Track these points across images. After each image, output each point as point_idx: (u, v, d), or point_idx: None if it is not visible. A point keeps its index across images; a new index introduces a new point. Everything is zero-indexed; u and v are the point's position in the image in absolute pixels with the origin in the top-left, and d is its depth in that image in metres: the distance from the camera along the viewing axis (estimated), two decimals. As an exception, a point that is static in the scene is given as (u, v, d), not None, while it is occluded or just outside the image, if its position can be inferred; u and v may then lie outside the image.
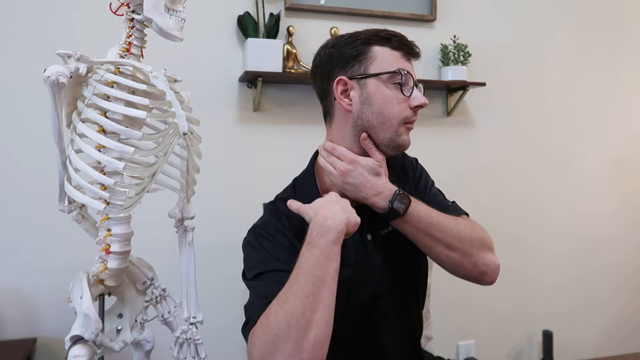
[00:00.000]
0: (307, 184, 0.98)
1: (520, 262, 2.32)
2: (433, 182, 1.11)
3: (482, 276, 0.95)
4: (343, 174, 0.91)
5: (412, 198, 0.91)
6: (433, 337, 1.60)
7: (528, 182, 2.34)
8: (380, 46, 0.92)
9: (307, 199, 0.89)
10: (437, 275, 2.02)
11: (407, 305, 1.00)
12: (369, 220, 0.94)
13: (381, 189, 0.90)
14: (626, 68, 2.50)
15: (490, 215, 2.26)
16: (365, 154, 0.94)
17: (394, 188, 0.91)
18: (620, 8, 2.48)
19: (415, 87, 0.92)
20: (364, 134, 0.92)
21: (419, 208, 0.91)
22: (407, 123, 0.93)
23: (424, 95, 0.94)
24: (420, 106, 0.92)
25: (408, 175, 1.07)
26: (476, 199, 2.23)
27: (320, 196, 0.90)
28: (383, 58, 0.91)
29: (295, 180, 1.05)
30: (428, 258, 1.06)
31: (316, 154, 1.01)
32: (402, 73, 0.90)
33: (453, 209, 1.04)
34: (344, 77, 0.92)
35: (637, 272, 2.54)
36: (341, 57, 0.93)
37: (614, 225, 2.48)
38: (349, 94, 0.92)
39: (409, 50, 0.93)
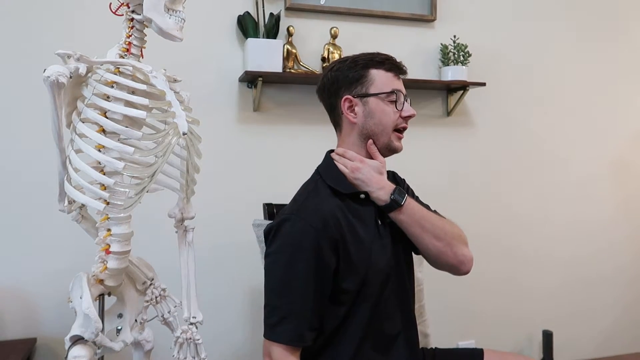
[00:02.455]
0: (331, 169, 1.13)
1: (520, 262, 2.31)
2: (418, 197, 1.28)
3: (460, 265, 1.10)
4: (353, 171, 1.09)
5: (406, 194, 1.10)
6: (430, 334, 1.60)
7: (528, 181, 2.33)
8: (376, 69, 1.11)
9: (334, 178, 1.10)
10: (436, 276, 2.03)
11: (405, 283, 1.16)
12: (378, 209, 1.11)
13: (384, 184, 1.09)
14: (626, 69, 2.49)
15: (490, 214, 2.26)
16: (369, 157, 1.12)
17: (393, 185, 1.10)
18: (619, 9, 2.48)
19: (405, 101, 1.13)
20: (370, 140, 1.12)
21: (413, 202, 1.10)
22: (398, 131, 1.14)
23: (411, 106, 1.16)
24: (410, 116, 1.14)
25: (399, 184, 1.24)
26: (476, 198, 2.23)
27: (343, 176, 1.10)
28: (380, 80, 1.11)
29: (318, 170, 1.17)
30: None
31: (327, 154, 1.19)
32: (396, 93, 1.11)
33: (434, 212, 1.20)
34: (349, 96, 1.11)
35: (637, 274, 2.53)
36: (346, 79, 1.11)
37: (614, 226, 2.47)
38: (354, 110, 1.11)
39: (398, 70, 1.14)
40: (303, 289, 0.99)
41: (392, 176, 1.25)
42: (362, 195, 1.09)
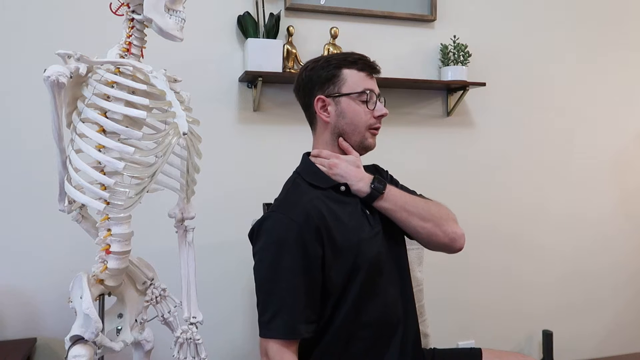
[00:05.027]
0: (309, 168, 1.15)
1: (520, 262, 2.31)
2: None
3: (452, 242, 1.11)
4: (331, 167, 1.12)
5: (386, 183, 1.12)
6: (430, 334, 1.60)
7: (528, 181, 2.33)
8: (349, 69, 1.12)
9: (313, 175, 1.12)
10: (436, 276, 2.03)
11: (403, 272, 1.17)
12: (362, 199, 1.12)
13: (362, 176, 1.12)
14: (626, 68, 2.49)
15: (490, 214, 2.26)
16: (344, 154, 1.15)
17: (371, 175, 1.13)
18: (620, 9, 2.48)
19: (378, 101, 1.14)
20: (341, 138, 1.14)
21: (394, 189, 1.13)
22: (372, 129, 1.15)
23: (385, 106, 1.16)
24: (382, 115, 1.14)
25: (382, 174, 1.27)
26: (476, 198, 2.23)
27: (324, 175, 1.12)
28: (352, 79, 1.12)
29: (297, 171, 1.19)
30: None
31: (304, 156, 1.21)
32: (367, 93, 1.12)
33: (420, 195, 1.22)
34: (322, 96, 1.13)
35: (637, 272, 2.53)
36: (319, 79, 1.13)
37: (614, 225, 2.48)
38: (327, 109, 1.14)
39: (371, 70, 1.15)
40: (291, 283, 1.00)
41: (374, 168, 1.27)
42: (342, 188, 1.11)
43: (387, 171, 1.29)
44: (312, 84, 1.14)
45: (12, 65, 1.68)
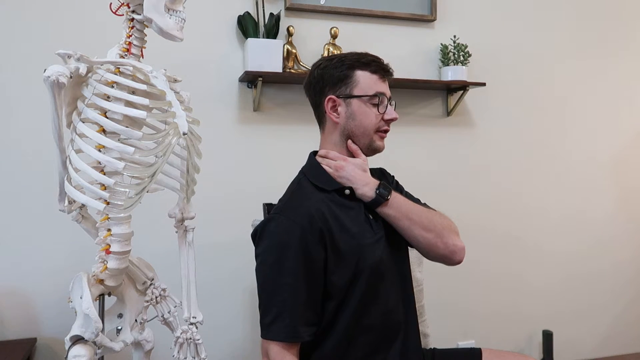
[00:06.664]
0: (315, 169, 1.15)
1: (521, 262, 2.32)
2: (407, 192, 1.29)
3: (452, 255, 1.11)
4: (337, 169, 1.11)
5: (391, 189, 1.12)
6: (430, 335, 1.60)
7: (528, 182, 2.33)
8: (362, 70, 1.11)
9: (319, 176, 1.12)
10: (436, 276, 2.02)
11: (406, 276, 1.18)
12: (366, 204, 1.12)
13: (368, 180, 1.11)
14: (626, 68, 2.49)
15: (491, 215, 2.26)
16: (351, 156, 1.14)
17: (377, 180, 1.12)
18: (620, 9, 2.48)
19: (388, 104, 1.13)
20: (350, 140, 1.13)
21: (399, 196, 1.12)
22: (380, 132, 1.15)
23: (395, 110, 1.16)
24: (392, 120, 1.14)
25: (387, 179, 1.27)
26: (476, 199, 2.23)
27: (329, 177, 1.12)
28: (365, 82, 1.11)
29: (302, 171, 1.18)
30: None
31: (310, 155, 1.21)
32: (379, 96, 1.11)
33: (424, 204, 1.22)
34: (333, 96, 1.12)
35: (638, 273, 2.53)
36: (331, 79, 1.12)
37: (614, 225, 2.48)
38: (337, 110, 1.12)
39: (384, 72, 1.14)
40: (293, 285, 1.00)
41: (381, 172, 1.27)
42: (347, 191, 1.10)
43: (393, 176, 1.29)
44: (323, 82, 1.13)
45: (12, 65, 1.68)
